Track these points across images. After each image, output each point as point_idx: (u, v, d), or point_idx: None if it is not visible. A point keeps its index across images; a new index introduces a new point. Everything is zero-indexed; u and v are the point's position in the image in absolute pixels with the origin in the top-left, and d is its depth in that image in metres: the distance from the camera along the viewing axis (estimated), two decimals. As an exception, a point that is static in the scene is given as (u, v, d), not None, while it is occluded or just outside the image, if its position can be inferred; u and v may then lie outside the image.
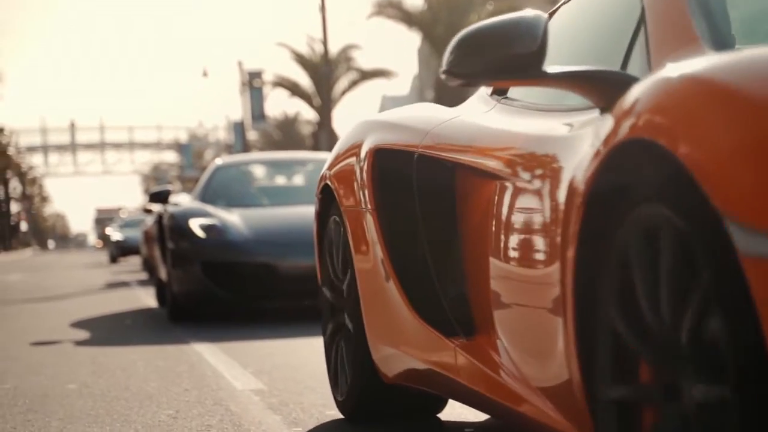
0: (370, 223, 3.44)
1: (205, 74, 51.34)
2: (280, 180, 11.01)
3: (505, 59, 2.44)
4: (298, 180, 10.83)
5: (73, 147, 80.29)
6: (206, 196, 9.83)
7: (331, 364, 4.00)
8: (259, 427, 3.97)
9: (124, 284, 17.17)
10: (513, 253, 2.66)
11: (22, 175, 75.34)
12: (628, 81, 2.33)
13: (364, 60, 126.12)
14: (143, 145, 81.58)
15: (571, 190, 2.23)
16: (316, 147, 37.86)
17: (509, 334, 2.71)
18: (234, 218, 8.98)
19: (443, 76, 2.54)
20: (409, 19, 37.42)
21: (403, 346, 3.34)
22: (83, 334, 8.19)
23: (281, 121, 61.36)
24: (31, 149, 79.46)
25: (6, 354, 6.96)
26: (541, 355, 2.47)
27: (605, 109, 2.33)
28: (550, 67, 2.47)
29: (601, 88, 2.41)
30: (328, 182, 3.86)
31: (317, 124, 45.86)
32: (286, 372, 5.45)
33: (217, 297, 8.60)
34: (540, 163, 2.59)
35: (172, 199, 9.91)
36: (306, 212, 8.89)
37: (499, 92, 3.33)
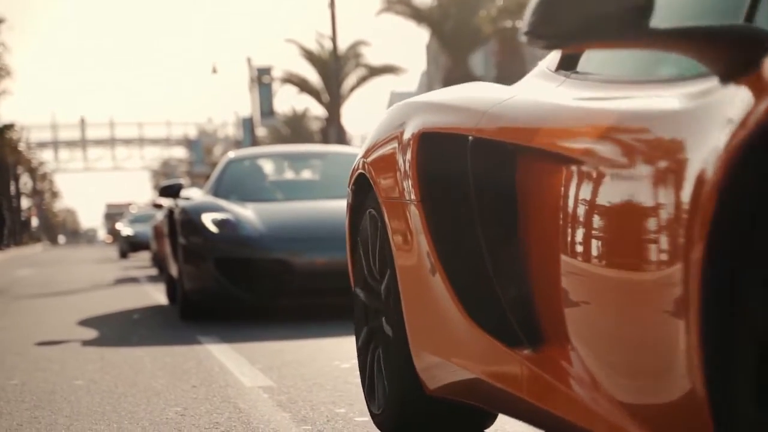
0: (414, 216, 3.02)
1: (214, 71, 51.32)
2: (295, 174, 10.71)
3: (603, 15, 2.06)
4: (314, 174, 10.51)
5: (83, 143, 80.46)
6: (219, 191, 9.53)
7: (365, 373, 3.55)
8: (268, 425, 3.93)
9: (133, 280, 17.14)
10: (599, 252, 2.24)
11: (32, 171, 75.44)
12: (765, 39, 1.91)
13: (372, 56, 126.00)
14: (153, 141, 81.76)
15: (696, 178, 1.84)
16: (324, 143, 37.84)
17: (589, 344, 2.31)
18: (248, 213, 8.66)
19: (523, 39, 2.16)
20: (418, 15, 37.36)
21: (452, 354, 2.92)
22: (91, 330, 8.16)
23: (290, 117, 61.32)
24: (42, 145, 79.66)
25: (13, 349, 6.93)
26: (640, 370, 2.09)
27: (731, 76, 1.91)
28: (658, 24, 2.06)
29: (727, 48, 1.97)
30: (364, 171, 3.44)
31: (326, 120, 45.82)
32: (295, 369, 5.41)
33: (231, 295, 8.28)
34: (639, 145, 2.15)
35: (184, 193, 9.64)
36: (322, 207, 8.77)
37: (567, 66, 2.88)
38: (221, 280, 8.26)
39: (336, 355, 5.86)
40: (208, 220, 8.50)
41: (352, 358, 5.68)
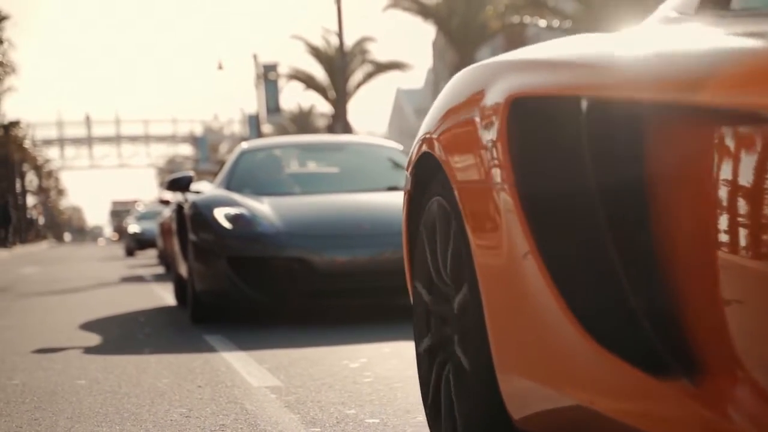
0: (505, 204, 2.30)
1: (220, 67, 51.22)
2: (313, 166, 9.87)
3: None
4: (333, 166, 9.65)
5: (89, 140, 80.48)
6: (231, 184, 8.81)
7: (428, 390, 2.93)
8: (276, 427, 3.79)
9: (140, 279, 17.02)
10: None
11: (38, 169, 75.47)
12: None
13: (378, 53, 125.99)
14: (158, 138, 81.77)
15: None
16: (331, 140, 37.66)
17: None
18: (264, 208, 7.96)
19: None
20: (424, 11, 37.22)
21: (555, 379, 2.24)
22: (95, 329, 8.03)
23: (296, 114, 61.24)
24: (47, 142, 79.71)
25: (15, 349, 6.80)
26: None
27: None
28: None
29: None
30: (430, 150, 2.75)
31: (332, 116, 45.68)
32: (304, 369, 5.27)
33: (245, 296, 7.57)
34: None
35: (193, 186, 8.97)
36: (343, 201, 8.20)
37: (715, 3, 2.26)
38: (235, 280, 7.60)
39: (345, 354, 5.72)
40: (220, 215, 7.85)
41: (360, 356, 5.56)
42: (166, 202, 17.93)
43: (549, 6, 23.38)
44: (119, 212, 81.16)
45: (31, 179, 75.04)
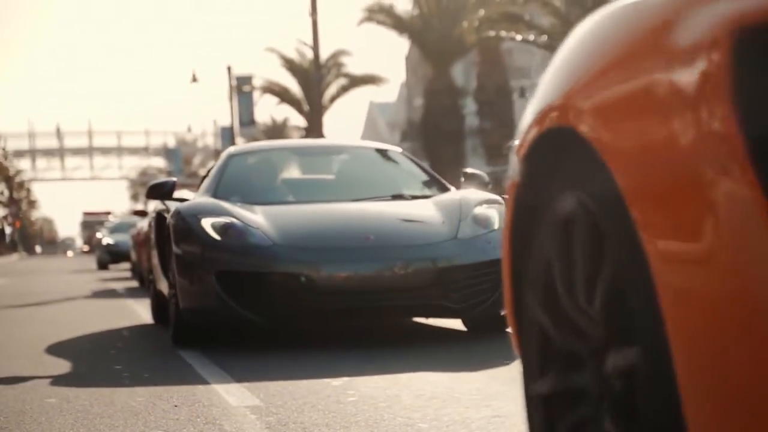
0: (730, 195, 1.39)
1: (194, 79, 50.92)
2: (309, 172, 8.92)
3: None
4: (330, 172, 8.75)
5: (60, 152, 79.94)
6: (218, 191, 7.90)
7: None
8: (257, 451, 3.59)
9: (112, 292, 16.73)
10: None
11: (9, 180, 74.81)
12: None
13: (352, 66, 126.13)
14: (131, 150, 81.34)
15: None
16: (306, 153, 37.44)
17: None
18: (257, 217, 7.10)
19: None
20: (399, 25, 37.15)
21: None
22: (65, 345, 7.80)
23: (270, 126, 60.99)
24: (19, 153, 79.10)
25: (-17, 364, 6.56)
26: None
27: None
28: None
29: None
30: (564, 124, 1.84)
31: (306, 130, 45.48)
32: (283, 386, 5.07)
33: (236, 316, 6.67)
34: None
35: (176, 194, 8.09)
36: (346, 210, 7.39)
37: None
38: (224, 298, 6.68)
39: (326, 371, 5.52)
40: (208, 225, 6.95)
41: (342, 373, 5.36)
42: (141, 213, 17.49)
43: (525, 20, 23.28)
44: (91, 223, 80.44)
45: (2, 190, 74.41)
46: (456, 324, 7.65)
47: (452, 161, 34.08)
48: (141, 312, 10.98)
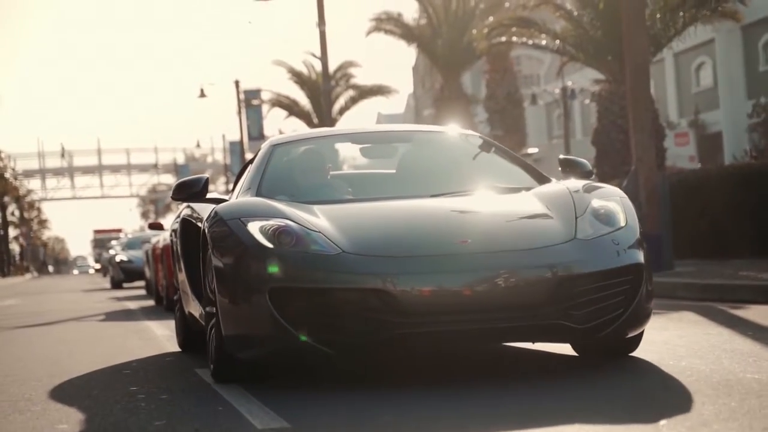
0: None
1: (202, 94, 50.77)
2: (369, 163, 7.67)
3: None
4: (394, 163, 7.15)
5: (70, 171, 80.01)
6: (262, 188, 6.37)
7: None
8: (290, 481, 3.25)
9: (127, 312, 16.43)
10: None
11: (19, 200, 74.79)
12: None
13: (361, 77, 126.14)
14: (140, 167, 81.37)
15: None
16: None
17: None
18: (318, 220, 5.57)
19: None
20: (408, 34, 36.90)
21: None
22: (77, 366, 7.47)
23: (280, 140, 60.82)
24: (28, 173, 79.18)
25: (-9, 388, 6.24)
26: None
27: None
28: None
29: None
30: None
31: (317, 142, 45.21)
32: (314, 409, 4.72)
33: (296, 345, 5.18)
34: None
35: (210, 195, 6.67)
36: (429, 208, 5.87)
37: None
38: (281, 323, 5.18)
39: (357, 387, 5.17)
40: (256, 229, 5.44)
41: (378, 394, 4.98)
42: (157, 226, 16.22)
43: (537, 24, 22.97)
44: (102, 241, 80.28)
45: (13, 211, 74.38)
46: (562, 347, 6.17)
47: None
48: (152, 327, 10.65)
